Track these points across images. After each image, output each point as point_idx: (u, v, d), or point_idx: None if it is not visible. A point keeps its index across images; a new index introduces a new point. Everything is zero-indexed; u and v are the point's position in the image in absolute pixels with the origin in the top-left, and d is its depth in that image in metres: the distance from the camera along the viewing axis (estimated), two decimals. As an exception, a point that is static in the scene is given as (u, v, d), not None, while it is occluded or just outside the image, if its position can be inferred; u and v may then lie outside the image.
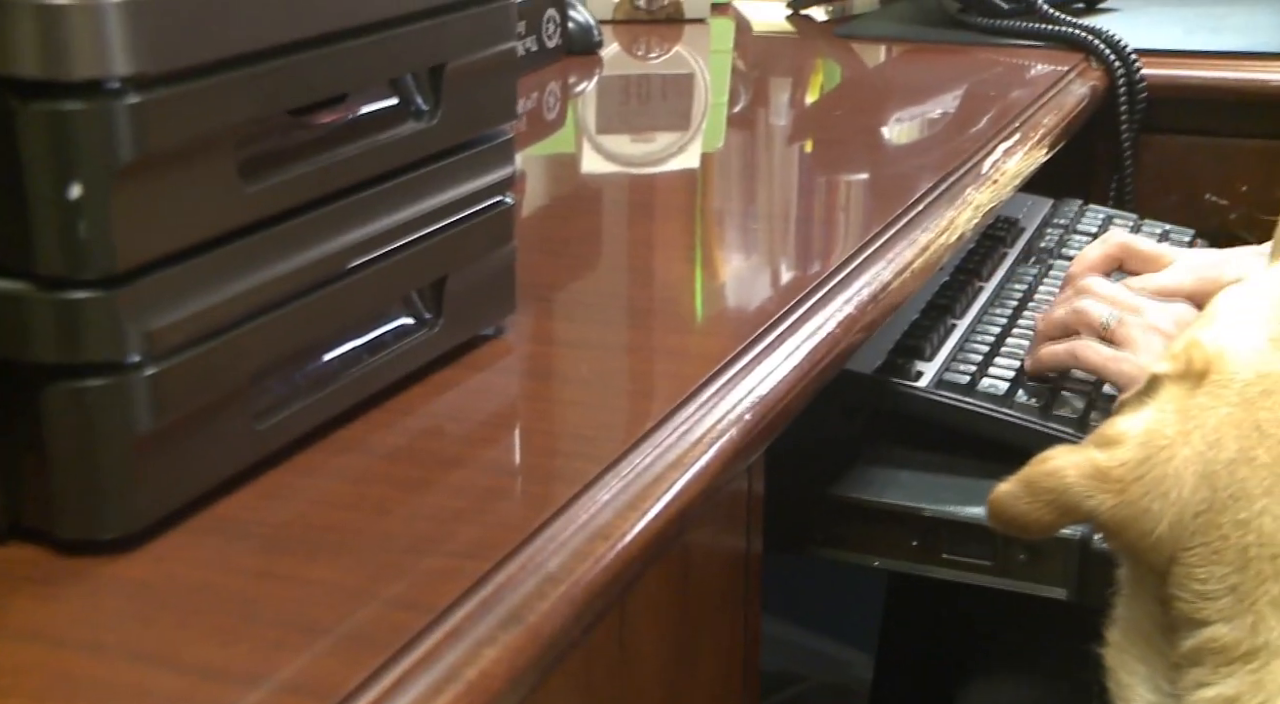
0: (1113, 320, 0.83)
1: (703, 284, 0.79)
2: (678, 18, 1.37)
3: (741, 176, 1.04)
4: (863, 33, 1.35)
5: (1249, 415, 0.55)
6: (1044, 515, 0.57)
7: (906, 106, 1.19)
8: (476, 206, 0.60)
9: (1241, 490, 0.54)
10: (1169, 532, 0.55)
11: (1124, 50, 1.19)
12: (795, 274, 0.80)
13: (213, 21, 0.45)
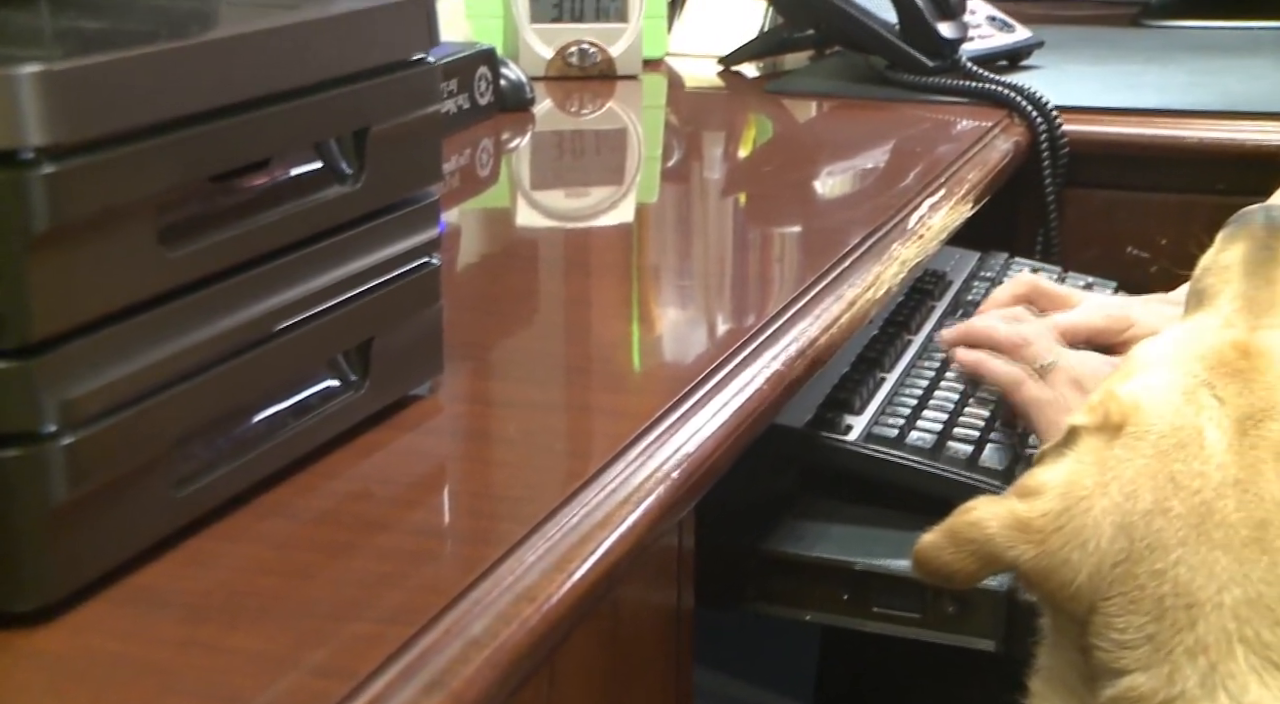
0: (1048, 363, 0.85)
1: (633, 341, 0.80)
2: (610, 74, 1.38)
3: (674, 231, 1.05)
4: (793, 88, 1.37)
5: (1164, 467, 0.56)
6: (967, 565, 0.58)
7: (835, 162, 1.21)
8: (402, 268, 0.61)
9: (1158, 541, 0.55)
10: (1088, 582, 0.55)
11: (1045, 107, 1.22)
12: (724, 330, 0.80)
13: (130, 90, 0.45)
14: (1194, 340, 0.61)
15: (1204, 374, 0.59)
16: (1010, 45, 1.40)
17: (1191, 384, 0.59)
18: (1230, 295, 0.63)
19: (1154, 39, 1.55)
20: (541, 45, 1.36)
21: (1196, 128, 1.18)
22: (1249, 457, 0.56)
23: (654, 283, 0.92)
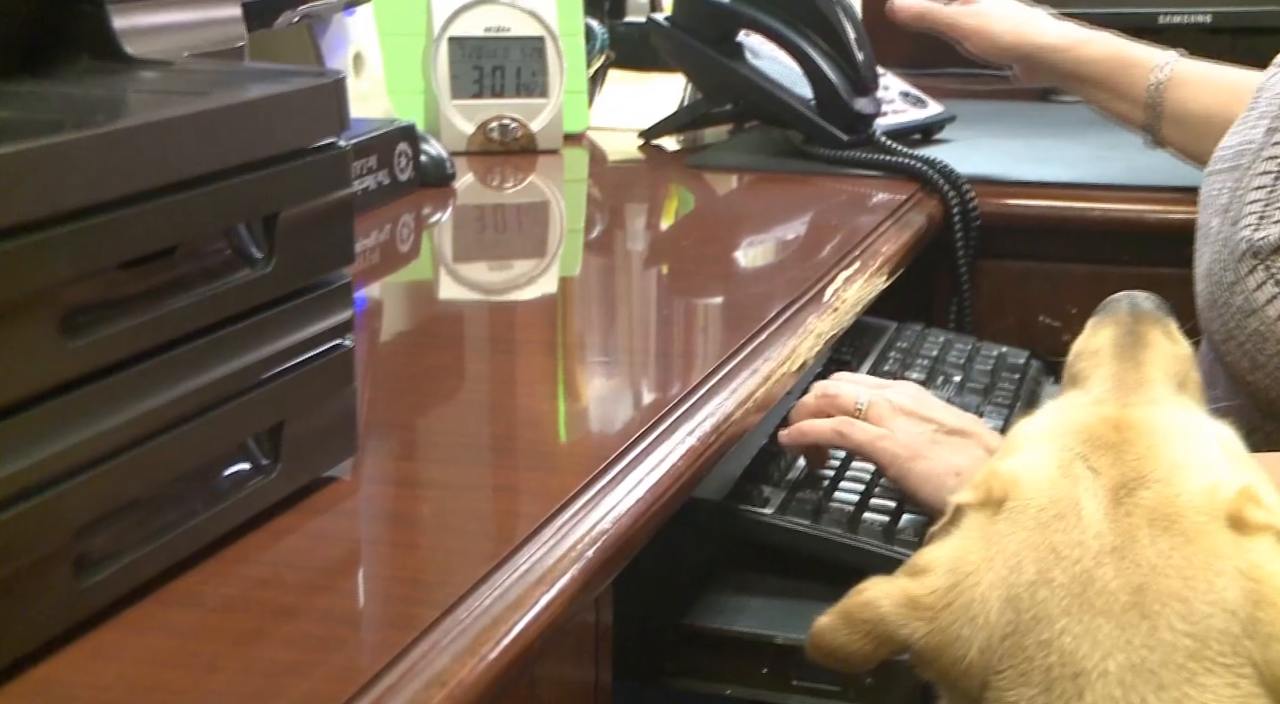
0: (864, 402, 0.87)
1: (552, 418, 0.80)
2: (531, 148, 1.40)
3: (595, 304, 1.06)
4: (712, 162, 1.39)
5: (1045, 538, 0.58)
6: (863, 646, 0.58)
7: (753, 235, 1.22)
8: (314, 351, 0.61)
9: (1042, 611, 0.56)
10: (979, 657, 0.56)
11: (957, 180, 1.25)
12: (642, 406, 0.81)
13: (31, 182, 0.45)
14: (1069, 417, 0.64)
15: (1079, 448, 0.61)
16: (923, 120, 1.44)
17: (1067, 458, 0.60)
18: (1102, 376, 0.66)
19: (1062, 114, 1.59)
20: (463, 121, 1.37)
21: (1102, 201, 1.22)
22: (1124, 524, 0.57)
23: (574, 358, 0.92)
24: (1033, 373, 1.14)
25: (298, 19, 1.14)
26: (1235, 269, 0.88)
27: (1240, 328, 0.88)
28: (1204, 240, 0.96)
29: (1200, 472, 0.59)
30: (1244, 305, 0.88)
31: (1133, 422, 0.62)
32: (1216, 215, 0.95)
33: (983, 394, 1.08)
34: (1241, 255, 0.88)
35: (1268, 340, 0.87)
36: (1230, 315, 0.89)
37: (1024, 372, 1.13)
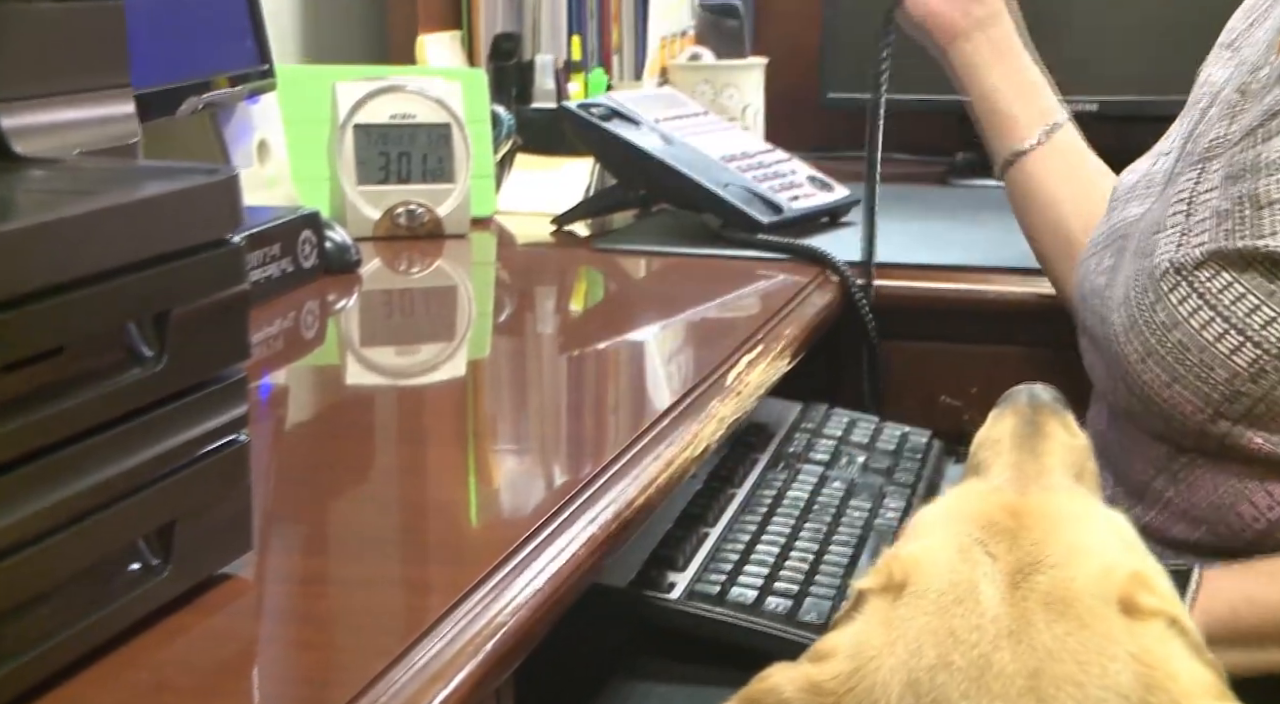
0: None
1: (451, 510, 0.80)
2: (438, 233, 1.40)
3: (502, 389, 1.06)
4: (621, 246, 1.40)
5: (944, 622, 0.58)
6: (767, 732, 0.58)
7: (660, 319, 1.24)
8: (207, 448, 0.60)
9: (942, 695, 0.56)
10: (882, 740, 0.57)
11: (860, 264, 1.27)
12: (542, 495, 0.81)
13: (-90, 288, 0.45)
14: (968, 504, 0.65)
15: (977, 533, 0.62)
16: (830, 203, 1.46)
17: (966, 543, 0.62)
18: (1002, 465, 0.68)
19: (960, 197, 1.63)
20: (368, 207, 1.38)
21: (998, 283, 1.25)
22: (1021, 608, 0.58)
23: (479, 445, 0.92)
24: (935, 453, 1.16)
25: (201, 107, 1.15)
26: (1155, 289, 0.92)
27: (1162, 342, 0.91)
28: (1110, 283, 1.00)
29: (1094, 557, 0.60)
30: (1166, 320, 0.91)
31: (1030, 508, 0.63)
32: (1125, 256, 0.99)
33: (885, 474, 1.09)
34: (1163, 274, 0.92)
35: (1189, 349, 0.90)
36: (1152, 332, 0.92)
37: (926, 452, 1.15)
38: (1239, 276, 0.88)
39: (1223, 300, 0.88)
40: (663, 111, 1.49)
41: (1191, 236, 0.91)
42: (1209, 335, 0.89)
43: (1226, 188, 0.91)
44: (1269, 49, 0.96)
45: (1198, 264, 0.90)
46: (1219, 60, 1.05)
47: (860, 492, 1.05)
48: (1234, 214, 0.89)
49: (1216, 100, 0.99)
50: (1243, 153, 0.91)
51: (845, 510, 1.02)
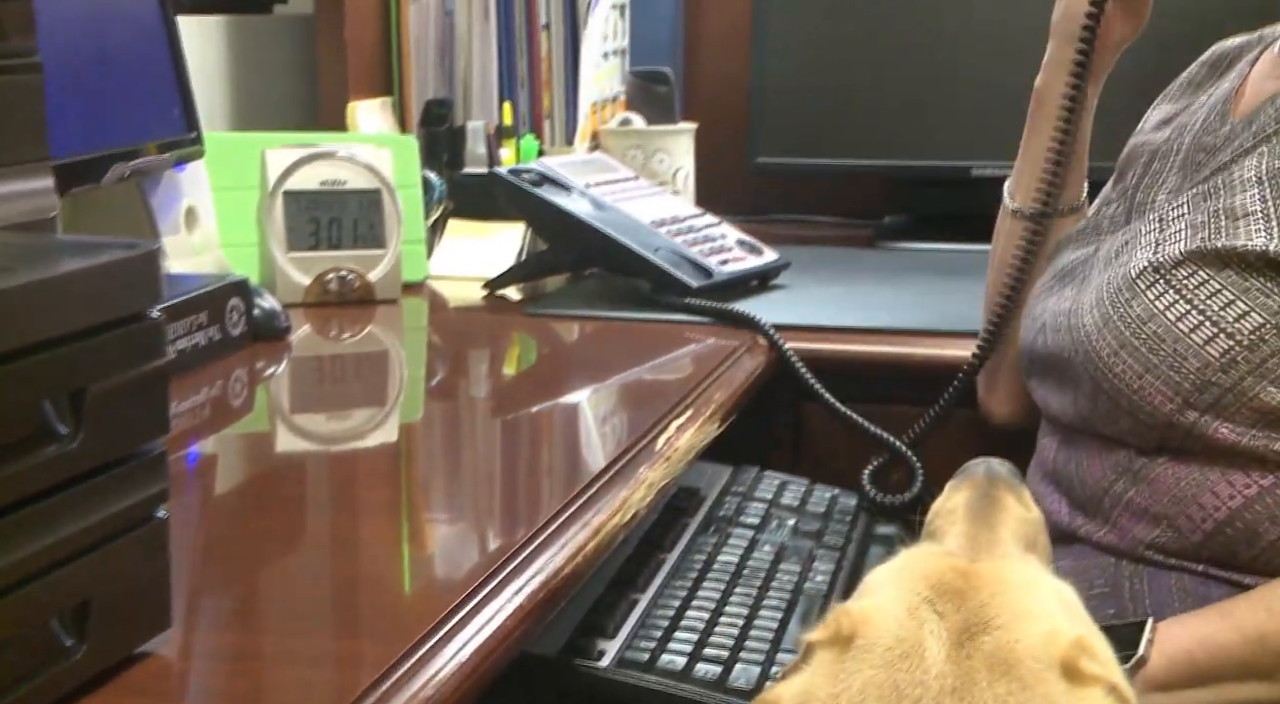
0: None
1: (374, 583, 0.79)
2: (369, 299, 1.40)
3: (432, 455, 1.06)
4: (552, 310, 1.41)
5: (890, 677, 0.59)
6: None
7: (590, 384, 1.24)
8: (124, 525, 0.59)
9: (884, 747, 0.57)
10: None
11: (788, 327, 1.29)
12: (469, 565, 0.80)
13: None
14: (919, 564, 0.67)
15: (926, 592, 0.63)
16: (760, 267, 1.48)
17: (915, 601, 0.63)
18: (955, 534, 0.71)
19: (888, 260, 1.66)
20: (298, 273, 1.37)
21: (922, 346, 1.26)
22: (964, 667, 0.59)
23: (407, 515, 0.92)
24: (864, 515, 1.16)
25: (127, 175, 1.14)
26: (1132, 288, 0.97)
27: (1136, 333, 0.95)
28: (1076, 302, 1.04)
29: (1039, 622, 0.62)
30: (1142, 313, 0.95)
31: (979, 572, 0.65)
32: (1089, 278, 1.04)
33: (815, 537, 1.10)
34: (1140, 273, 0.97)
35: (1164, 340, 0.94)
36: (1127, 325, 0.96)
37: (856, 514, 1.16)
38: (1215, 274, 0.93)
39: (1199, 295, 0.93)
40: (594, 176, 1.50)
41: (1167, 245, 0.97)
42: (1184, 327, 0.93)
43: (1198, 204, 0.98)
44: (1222, 115, 1.03)
45: (1176, 263, 0.95)
46: (1159, 128, 1.12)
47: (790, 555, 1.06)
48: (1209, 224, 0.96)
49: (1158, 155, 1.07)
50: (1213, 177, 0.98)
51: (775, 574, 1.02)
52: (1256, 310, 0.91)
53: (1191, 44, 1.19)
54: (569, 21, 1.73)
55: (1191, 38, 1.21)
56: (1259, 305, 0.91)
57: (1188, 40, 1.21)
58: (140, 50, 1.21)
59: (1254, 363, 0.90)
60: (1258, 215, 0.93)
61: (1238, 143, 0.99)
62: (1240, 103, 1.04)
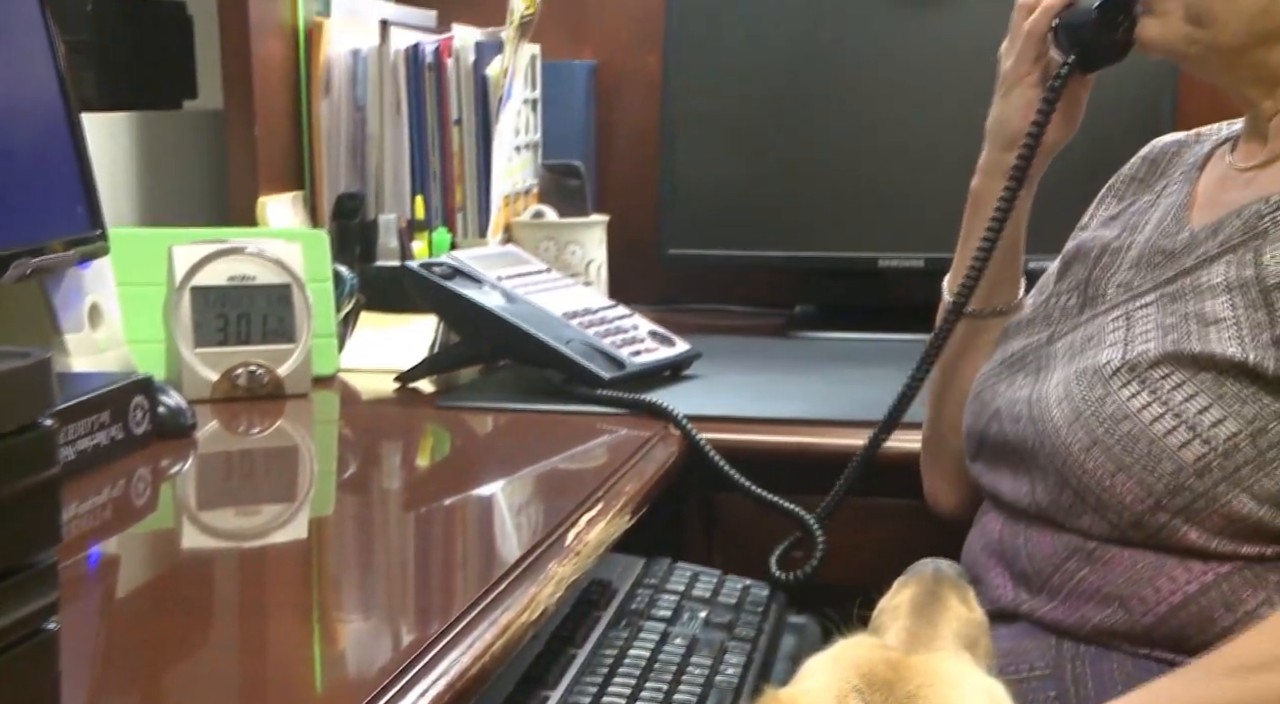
0: None
1: (286, 684, 0.78)
2: (279, 393, 1.39)
3: (346, 549, 1.05)
4: (465, 403, 1.41)
5: None
6: None
7: (502, 477, 1.24)
8: (11, 639, 0.58)
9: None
10: None
11: (700, 417, 1.29)
12: (372, 668, 0.79)
13: None
14: (854, 654, 0.69)
15: (857, 681, 0.65)
16: (672, 357, 1.49)
17: (845, 689, 0.65)
18: (897, 629, 0.73)
19: (799, 349, 1.68)
20: (206, 369, 1.36)
21: (831, 435, 1.28)
22: (889, 754, 0.60)
23: (318, 613, 0.90)
24: (776, 606, 1.17)
25: (29, 272, 1.13)
26: (1105, 385, 0.98)
27: (1110, 432, 0.96)
28: (1036, 391, 1.04)
29: None
30: (1115, 412, 0.96)
31: (911, 664, 0.67)
32: (1049, 369, 1.05)
33: (727, 629, 1.10)
34: (1114, 372, 0.98)
35: (1138, 440, 0.95)
36: (1099, 423, 0.97)
37: (768, 604, 1.16)
38: (1191, 377, 0.94)
39: (1175, 398, 0.94)
40: (506, 269, 1.51)
41: (1137, 344, 0.98)
42: (1159, 429, 0.94)
43: (1165, 305, 0.99)
44: (1178, 220, 1.05)
45: (1152, 364, 0.96)
46: (1106, 226, 1.14)
47: (701, 648, 1.05)
48: (1180, 327, 0.97)
49: (1108, 251, 1.09)
50: (1179, 280, 1.00)
51: (686, 668, 1.02)
52: (1232, 417, 0.92)
53: (1125, 141, 1.22)
54: (481, 116, 1.75)
55: (1120, 137, 1.25)
56: (1234, 412, 0.92)
57: (1120, 138, 1.25)
58: (43, 147, 1.20)
59: (1228, 470, 0.92)
60: (1229, 322, 0.95)
61: (1202, 250, 1.00)
62: (1196, 209, 1.06)
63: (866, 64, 1.75)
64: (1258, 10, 0.97)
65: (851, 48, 1.76)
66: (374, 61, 1.75)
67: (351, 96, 1.76)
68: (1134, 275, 1.05)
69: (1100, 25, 1.06)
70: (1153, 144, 1.19)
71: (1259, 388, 0.92)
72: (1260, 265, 0.95)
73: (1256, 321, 0.93)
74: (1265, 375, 0.92)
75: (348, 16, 1.78)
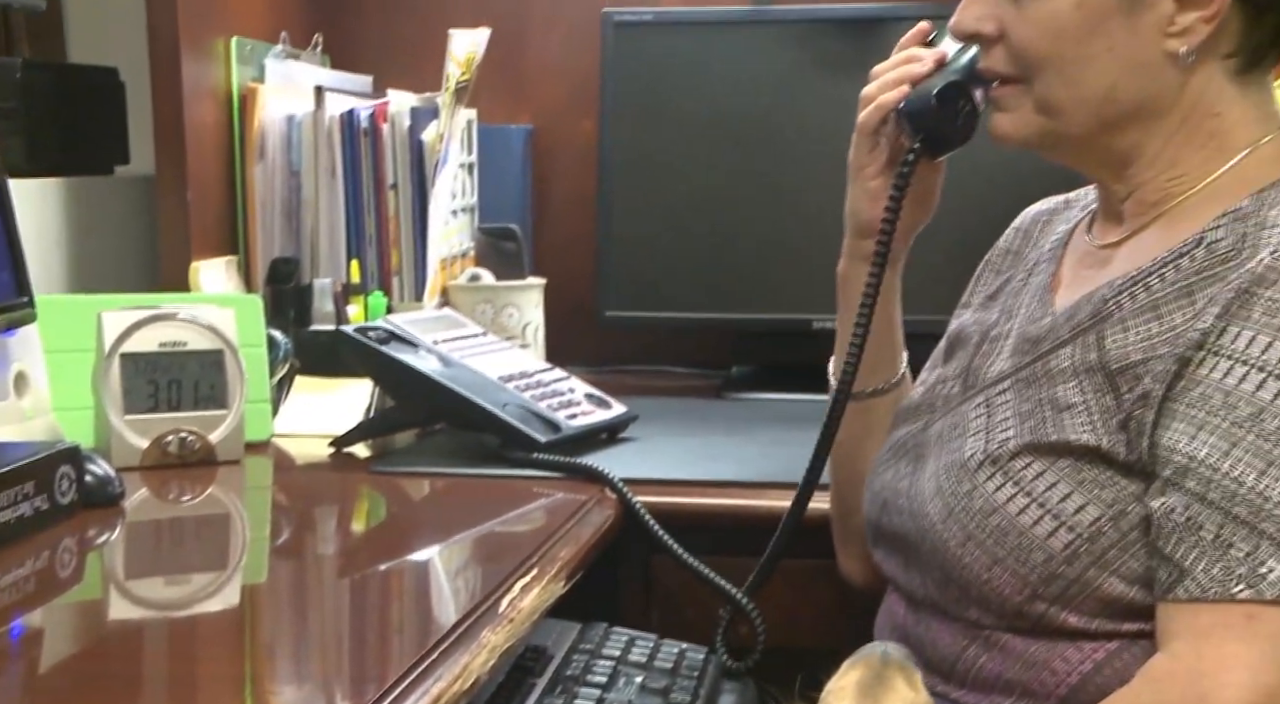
0: None
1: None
2: (211, 460, 1.37)
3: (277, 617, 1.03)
4: (402, 467, 1.40)
5: None
6: None
7: (437, 543, 1.23)
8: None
9: None
10: None
11: (636, 480, 1.29)
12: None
13: None
14: None
15: None
16: (608, 420, 1.49)
17: None
18: None
19: (734, 410, 1.68)
20: (136, 436, 1.34)
21: (766, 498, 1.28)
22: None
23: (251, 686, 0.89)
24: (712, 670, 1.16)
25: (-46, 342, 1.11)
26: (971, 479, 0.99)
27: (981, 527, 0.97)
28: (914, 484, 1.06)
29: None
30: (984, 506, 0.98)
31: None
32: (925, 460, 1.07)
33: (663, 694, 1.09)
34: (978, 465, 0.99)
35: (1008, 533, 0.96)
36: (970, 517, 0.98)
37: (704, 668, 1.15)
38: (1050, 466, 0.96)
39: (1037, 487, 0.96)
40: (442, 333, 1.51)
41: (998, 433, 1.00)
42: (1026, 520, 0.95)
43: (1021, 391, 1.01)
44: (1044, 302, 1.07)
45: (1012, 455, 0.98)
46: (985, 308, 1.15)
47: (638, 714, 1.05)
48: (1036, 414, 0.98)
49: (988, 337, 1.10)
50: (1034, 365, 1.01)
51: (622, 734, 1.01)
52: (1093, 503, 0.94)
53: (1002, 209, 1.24)
54: (416, 180, 1.75)
55: (1000, 204, 1.27)
56: (1095, 498, 0.94)
57: (998, 206, 1.27)
58: (-31, 215, 1.19)
59: (1095, 555, 0.93)
60: (1080, 408, 0.96)
61: (1055, 334, 1.02)
62: (1060, 291, 1.07)
63: (799, 130, 1.78)
64: (1101, 98, 0.98)
65: (785, 113, 1.79)
66: (309, 126, 1.75)
67: (286, 161, 1.75)
68: (1017, 359, 1.05)
69: (940, 113, 1.07)
70: (1024, 214, 1.21)
71: (1115, 472, 0.94)
72: (1103, 349, 0.97)
73: (1105, 406, 0.95)
74: (1118, 460, 0.94)
75: (282, 82, 1.79)
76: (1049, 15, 0.98)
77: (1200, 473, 0.88)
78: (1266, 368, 0.87)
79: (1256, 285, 0.89)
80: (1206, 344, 0.90)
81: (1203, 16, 0.95)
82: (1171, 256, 0.96)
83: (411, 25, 2.01)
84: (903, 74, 1.10)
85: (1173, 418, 0.90)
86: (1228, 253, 0.93)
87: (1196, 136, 0.99)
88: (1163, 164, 1.00)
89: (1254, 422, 0.86)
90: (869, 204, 1.14)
